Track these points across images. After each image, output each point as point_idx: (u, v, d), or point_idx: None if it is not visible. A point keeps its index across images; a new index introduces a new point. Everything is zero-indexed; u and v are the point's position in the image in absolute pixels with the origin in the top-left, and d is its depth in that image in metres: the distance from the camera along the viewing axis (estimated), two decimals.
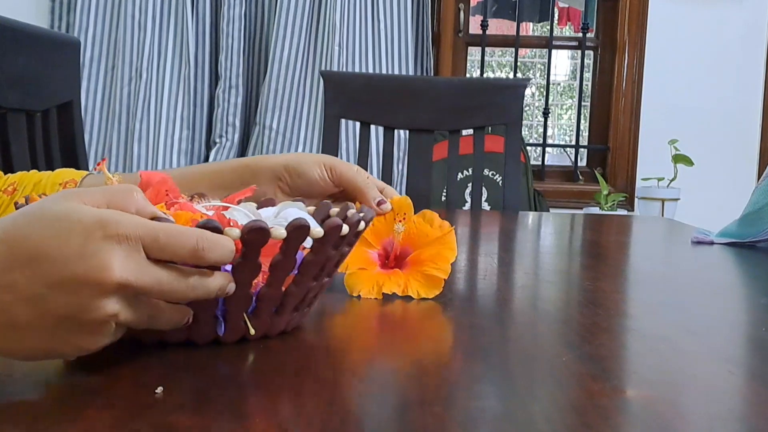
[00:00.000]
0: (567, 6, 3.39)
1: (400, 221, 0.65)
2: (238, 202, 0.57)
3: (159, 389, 0.38)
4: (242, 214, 0.53)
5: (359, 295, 0.60)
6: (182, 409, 0.36)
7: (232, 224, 0.44)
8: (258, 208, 0.57)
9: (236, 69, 2.46)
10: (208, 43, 2.50)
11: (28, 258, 0.37)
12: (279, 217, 0.55)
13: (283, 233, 0.44)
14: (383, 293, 0.61)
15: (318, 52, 2.50)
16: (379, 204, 0.68)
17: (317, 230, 0.46)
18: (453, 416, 0.37)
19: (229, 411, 0.36)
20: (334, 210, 0.59)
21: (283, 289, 0.48)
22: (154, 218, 0.41)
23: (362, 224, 0.51)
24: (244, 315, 0.47)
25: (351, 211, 0.53)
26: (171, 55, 2.46)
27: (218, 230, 0.42)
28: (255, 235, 0.43)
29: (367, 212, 0.54)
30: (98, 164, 0.51)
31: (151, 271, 0.40)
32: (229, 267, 0.45)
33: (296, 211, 0.56)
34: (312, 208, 0.60)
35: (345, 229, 0.48)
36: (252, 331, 0.48)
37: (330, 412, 0.37)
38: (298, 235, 0.45)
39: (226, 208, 0.54)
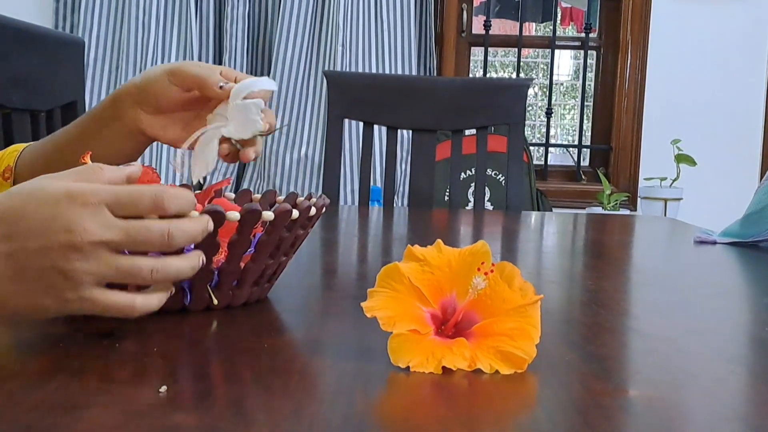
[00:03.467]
0: (570, 6, 3.38)
1: (482, 272, 0.46)
2: (214, 193, 0.64)
3: (163, 388, 0.38)
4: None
5: (408, 367, 0.43)
6: (185, 407, 0.37)
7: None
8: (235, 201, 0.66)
9: (240, 69, 2.46)
10: (212, 43, 2.50)
11: (10, 225, 0.43)
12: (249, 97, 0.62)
13: (237, 216, 0.50)
14: (443, 367, 0.43)
15: (321, 53, 2.50)
16: (222, 88, 0.65)
17: (268, 214, 0.52)
18: (455, 416, 0.37)
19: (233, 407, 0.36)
20: (281, 198, 0.65)
21: (243, 265, 0.55)
22: (127, 179, 0.47)
23: (313, 210, 0.57)
24: (208, 287, 0.53)
25: (300, 199, 0.62)
26: (175, 56, 2.46)
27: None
28: (212, 218, 0.48)
29: (319, 199, 0.60)
30: (83, 158, 0.55)
31: (117, 224, 0.44)
32: (192, 247, 0.50)
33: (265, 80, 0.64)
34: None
35: (295, 213, 0.54)
36: (215, 302, 0.55)
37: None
38: (251, 217, 0.51)
39: (208, 193, 0.63)
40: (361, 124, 1.90)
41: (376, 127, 1.66)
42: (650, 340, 0.54)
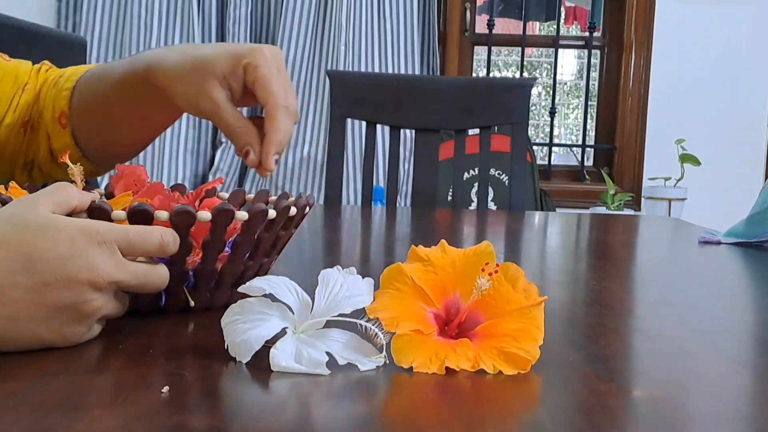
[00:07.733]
0: (573, 5, 3.38)
1: (486, 273, 0.46)
2: (206, 193, 0.61)
3: (165, 388, 0.38)
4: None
5: (411, 368, 0.42)
6: (187, 407, 0.36)
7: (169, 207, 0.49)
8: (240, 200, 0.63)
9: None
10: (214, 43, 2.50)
11: (26, 260, 0.42)
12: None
13: (209, 215, 0.49)
14: (446, 368, 0.43)
15: (324, 52, 2.50)
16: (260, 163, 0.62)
17: (241, 214, 0.51)
18: (459, 416, 0.37)
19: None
20: (273, 198, 0.63)
21: (220, 266, 0.53)
22: (93, 203, 0.47)
23: (293, 210, 0.55)
24: (184, 288, 0.53)
25: (291, 198, 0.58)
26: None
27: (148, 213, 0.47)
28: (182, 217, 0.48)
29: (300, 199, 0.57)
30: (61, 157, 0.55)
31: (129, 267, 0.45)
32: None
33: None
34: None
35: (272, 213, 0.53)
36: (191, 303, 0.53)
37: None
38: (223, 217, 0.50)
39: (200, 194, 0.60)
40: (364, 123, 1.89)
41: (379, 126, 1.66)
42: (654, 340, 0.54)
